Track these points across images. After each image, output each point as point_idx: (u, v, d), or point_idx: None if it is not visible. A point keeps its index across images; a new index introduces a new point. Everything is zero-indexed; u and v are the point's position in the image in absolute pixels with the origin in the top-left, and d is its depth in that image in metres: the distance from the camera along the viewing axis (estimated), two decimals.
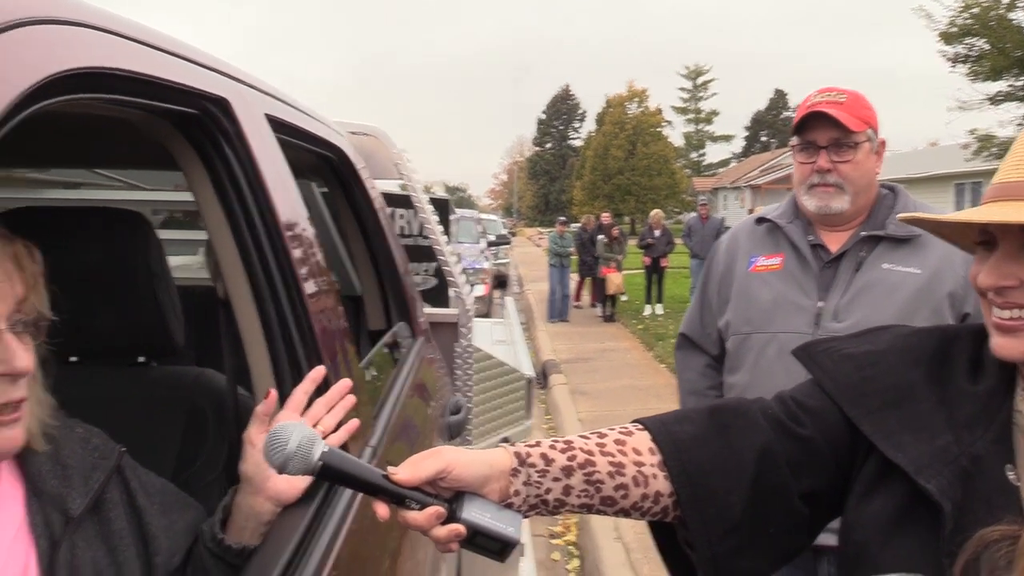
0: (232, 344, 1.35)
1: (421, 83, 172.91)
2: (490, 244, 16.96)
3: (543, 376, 9.58)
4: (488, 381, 3.21)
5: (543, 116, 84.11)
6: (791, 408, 1.04)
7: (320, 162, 2.25)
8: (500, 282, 19.00)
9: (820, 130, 1.92)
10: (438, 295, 3.76)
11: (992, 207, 0.92)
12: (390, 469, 0.93)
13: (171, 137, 1.26)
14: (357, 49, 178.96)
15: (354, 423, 1.20)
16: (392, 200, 3.40)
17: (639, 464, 0.99)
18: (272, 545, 1.05)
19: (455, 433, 2.49)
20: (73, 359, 1.48)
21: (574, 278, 15.49)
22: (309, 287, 1.33)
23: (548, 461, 0.97)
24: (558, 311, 14.10)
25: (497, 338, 4.97)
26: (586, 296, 15.81)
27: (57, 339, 1.42)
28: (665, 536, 1.04)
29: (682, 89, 70.67)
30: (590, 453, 0.99)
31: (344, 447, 1.27)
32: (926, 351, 1.02)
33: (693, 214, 16.41)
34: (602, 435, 1.03)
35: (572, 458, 0.98)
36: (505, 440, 3.12)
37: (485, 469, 0.95)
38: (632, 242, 16.55)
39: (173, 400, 1.47)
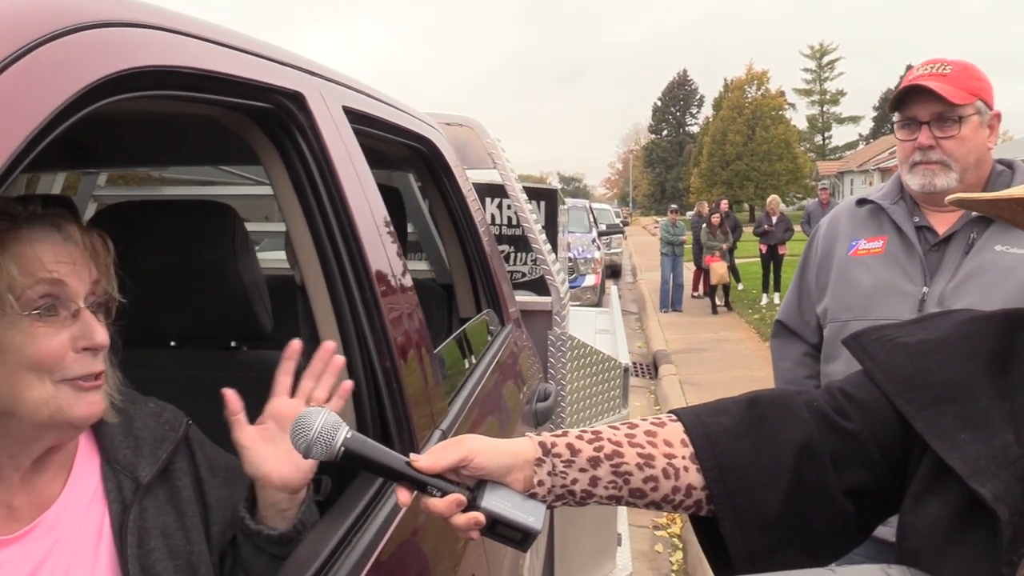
0: (309, 328, 1.40)
1: (541, 76, 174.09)
2: (601, 234, 16.85)
3: (653, 367, 9.46)
4: (584, 369, 3.20)
5: (659, 103, 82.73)
6: (838, 400, 0.99)
7: (411, 153, 2.30)
8: (612, 272, 18.87)
9: (921, 105, 1.81)
10: (545, 285, 3.77)
11: None
12: (412, 456, 0.95)
13: (250, 131, 1.32)
14: (497, 51, 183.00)
15: (347, 385, 1.13)
16: (498, 191, 3.43)
17: (670, 456, 0.97)
18: (312, 540, 1.06)
19: (542, 420, 2.50)
20: (172, 343, 1.59)
21: (689, 267, 15.17)
22: (379, 274, 1.37)
23: (574, 451, 0.96)
24: (670, 301, 13.87)
25: (600, 327, 4.95)
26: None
27: (158, 324, 1.53)
28: (706, 529, 1.01)
29: (806, 70, 67.90)
30: (618, 444, 0.97)
31: (410, 428, 1.30)
32: (987, 339, 0.94)
33: (814, 200, 15.74)
34: (632, 426, 1.01)
35: (599, 449, 0.96)
36: None
37: (508, 458, 0.95)
38: (748, 229, 16.03)
39: (259, 382, 1.54)
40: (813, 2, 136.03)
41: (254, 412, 1.57)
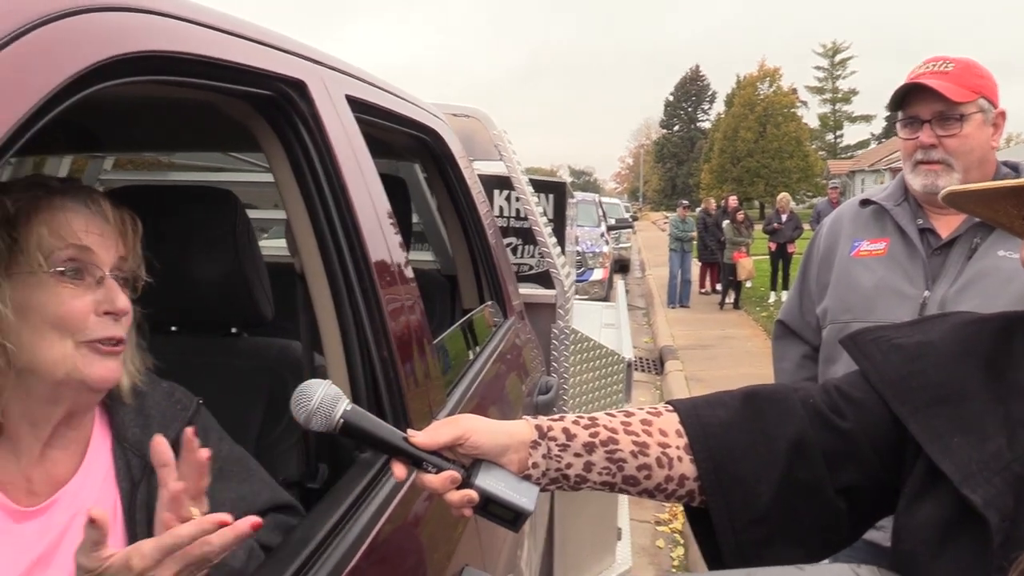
0: (308, 317, 1.41)
1: (555, 71, 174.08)
2: (610, 228, 16.80)
3: (660, 362, 9.45)
4: (588, 363, 3.20)
5: (671, 98, 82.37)
6: (834, 398, 0.98)
7: (416, 143, 2.30)
8: (621, 266, 18.83)
9: (923, 103, 1.79)
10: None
11: None
12: (409, 432, 0.96)
13: (252, 119, 1.33)
14: (518, 46, 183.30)
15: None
16: (507, 183, 3.42)
17: (664, 446, 0.97)
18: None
19: (543, 413, 2.50)
20: (173, 328, 1.59)
21: (696, 263, 15.13)
22: (379, 264, 1.37)
23: (570, 436, 0.97)
24: (678, 296, 13.84)
25: (606, 321, 4.93)
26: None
27: (159, 310, 1.54)
28: (700, 520, 1.01)
29: (818, 68, 67.44)
30: (613, 431, 0.98)
31: (406, 417, 1.30)
32: (984, 342, 0.93)
33: (824, 198, 15.66)
34: (628, 414, 1.01)
35: (595, 435, 0.97)
36: None
37: (504, 439, 0.96)
38: (758, 227, 15.99)
39: (258, 370, 1.55)
40: (828, 3, 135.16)
41: (252, 396, 1.58)
